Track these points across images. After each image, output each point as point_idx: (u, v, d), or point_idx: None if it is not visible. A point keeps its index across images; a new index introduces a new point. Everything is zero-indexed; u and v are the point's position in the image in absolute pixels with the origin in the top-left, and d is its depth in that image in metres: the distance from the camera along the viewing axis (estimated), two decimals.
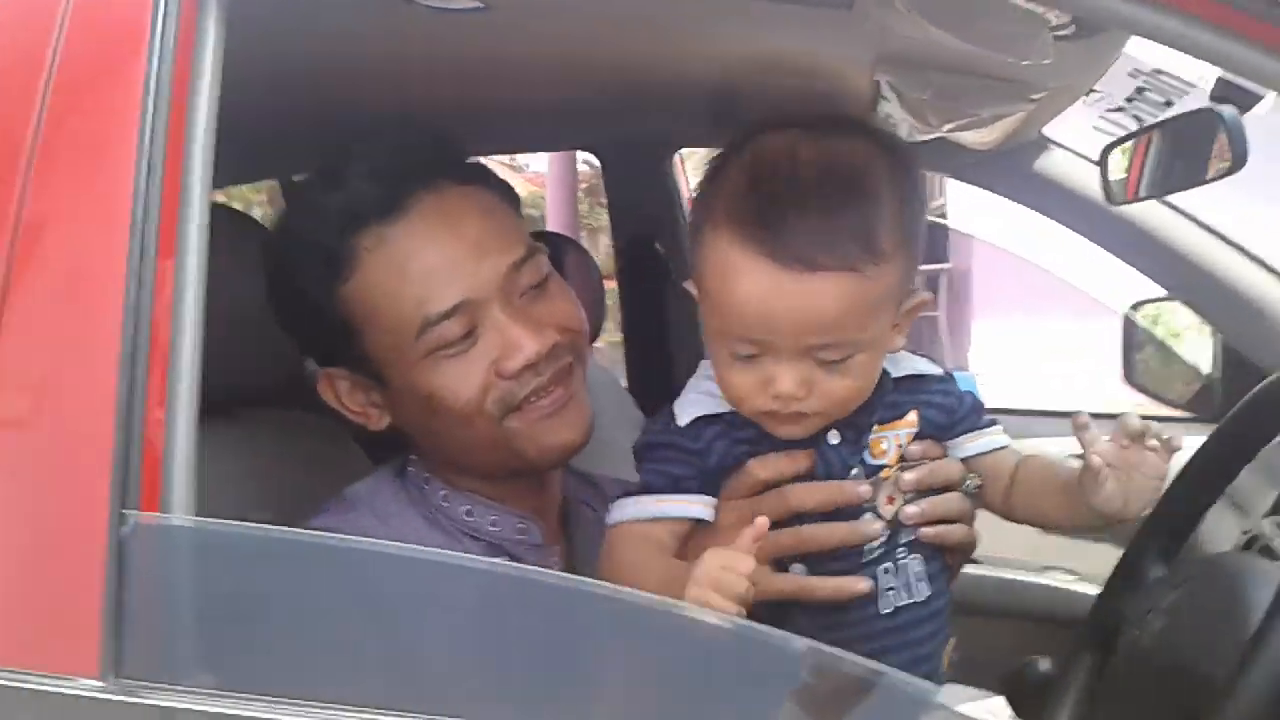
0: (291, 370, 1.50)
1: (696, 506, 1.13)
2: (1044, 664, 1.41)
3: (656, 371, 2.42)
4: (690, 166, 2.62)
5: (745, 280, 1.05)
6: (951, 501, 1.16)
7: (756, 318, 1.05)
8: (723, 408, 1.14)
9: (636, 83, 1.89)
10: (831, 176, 1.06)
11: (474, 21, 1.40)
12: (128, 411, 0.86)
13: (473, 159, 1.34)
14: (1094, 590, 2.04)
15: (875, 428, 1.14)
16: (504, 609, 0.89)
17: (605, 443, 1.32)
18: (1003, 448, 1.21)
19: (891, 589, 1.13)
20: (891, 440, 1.14)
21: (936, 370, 1.20)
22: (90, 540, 0.85)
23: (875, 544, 1.13)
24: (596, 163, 2.69)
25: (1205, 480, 1.35)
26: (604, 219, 2.59)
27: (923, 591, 1.15)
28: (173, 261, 0.88)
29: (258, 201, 5.11)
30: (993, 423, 1.21)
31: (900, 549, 1.14)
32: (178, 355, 0.87)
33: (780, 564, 1.12)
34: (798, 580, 1.12)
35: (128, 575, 0.85)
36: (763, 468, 1.12)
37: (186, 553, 0.90)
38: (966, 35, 1.18)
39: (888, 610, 1.13)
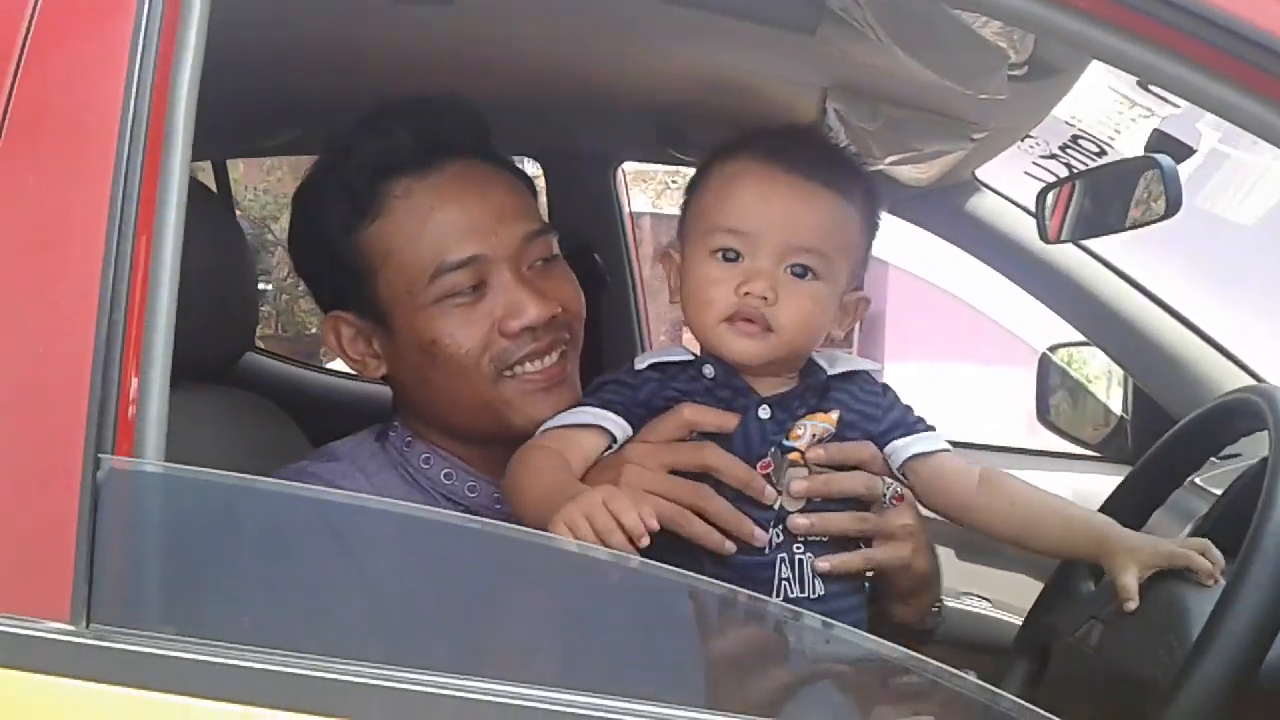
0: (237, 351, 1.49)
1: (609, 423, 1.17)
2: (970, 676, 1.44)
3: (586, 378, 2.41)
4: (630, 180, 2.64)
5: (751, 180, 1.17)
6: (843, 520, 1.18)
7: (752, 210, 1.16)
8: (683, 356, 1.20)
9: (586, 93, 1.91)
10: (824, 140, 1.27)
11: (435, 17, 1.41)
12: (105, 360, 0.87)
13: None
14: (1008, 617, 2.09)
15: (803, 416, 1.18)
16: (469, 562, 0.92)
17: None
18: (943, 450, 1.23)
19: (785, 579, 1.16)
20: (808, 428, 1.18)
21: (868, 365, 1.25)
22: (65, 484, 0.85)
23: (775, 535, 1.16)
24: (533, 173, 2.69)
25: (1128, 512, 1.39)
26: None
27: (817, 589, 1.17)
28: (150, 230, 0.90)
29: None
30: (929, 427, 1.24)
31: (798, 544, 1.17)
32: (154, 310, 0.88)
33: (692, 555, 1.13)
34: (694, 487, 1.14)
35: (101, 521, 0.85)
36: (692, 411, 1.17)
37: (159, 498, 0.90)
38: (930, 63, 1.22)
39: (778, 598, 1.15)
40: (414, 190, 1.26)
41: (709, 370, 1.18)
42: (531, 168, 2.38)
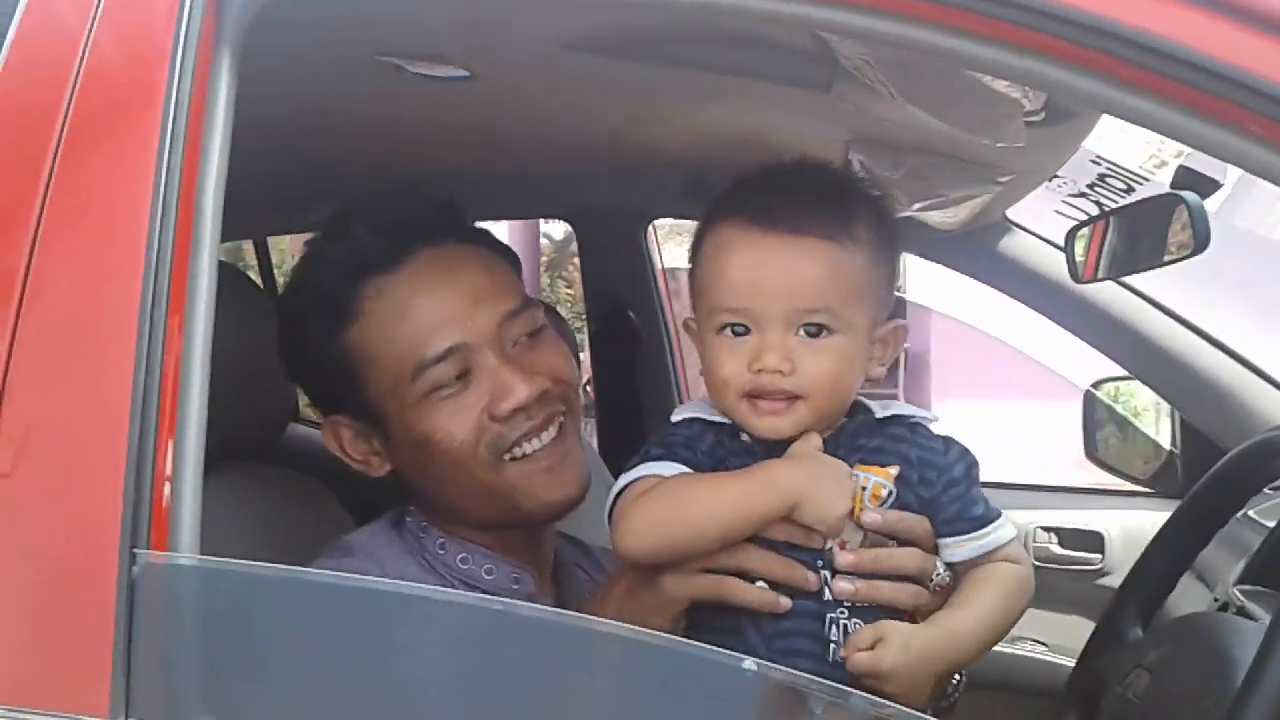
0: (278, 426, 1.51)
1: (678, 468, 1.12)
2: None
3: (628, 436, 2.42)
4: (660, 236, 2.66)
5: (736, 251, 1.11)
6: (898, 592, 1.11)
7: (747, 285, 1.10)
8: (719, 418, 1.15)
9: (612, 154, 1.93)
10: (812, 173, 1.18)
11: (460, 90, 1.44)
12: (139, 453, 0.88)
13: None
14: (1063, 660, 2.06)
15: (857, 465, 1.12)
16: (503, 648, 0.91)
17: (583, 507, 1.33)
18: (1004, 545, 1.13)
19: (836, 641, 1.09)
20: (869, 484, 1.11)
21: (925, 415, 1.18)
22: (102, 579, 0.87)
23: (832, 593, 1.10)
24: (556, 236, 2.71)
25: (1176, 550, 1.37)
26: (563, 292, 2.61)
27: None
28: (181, 315, 0.92)
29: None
30: (998, 515, 1.14)
31: (843, 607, 1.10)
32: (186, 403, 0.90)
33: (736, 624, 1.09)
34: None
35: (138, 615, 0.86)
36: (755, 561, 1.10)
37: (195, 592, 0.91)
38: (944, 117, 1.23)
39: (833, 660, 1.09)
40: (386, 289, 1.25)
41: (745, 435, 1.14)
42: (561, 228, 2.40)
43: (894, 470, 1.12)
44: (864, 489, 1.10)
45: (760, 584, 1.10)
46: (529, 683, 0.91)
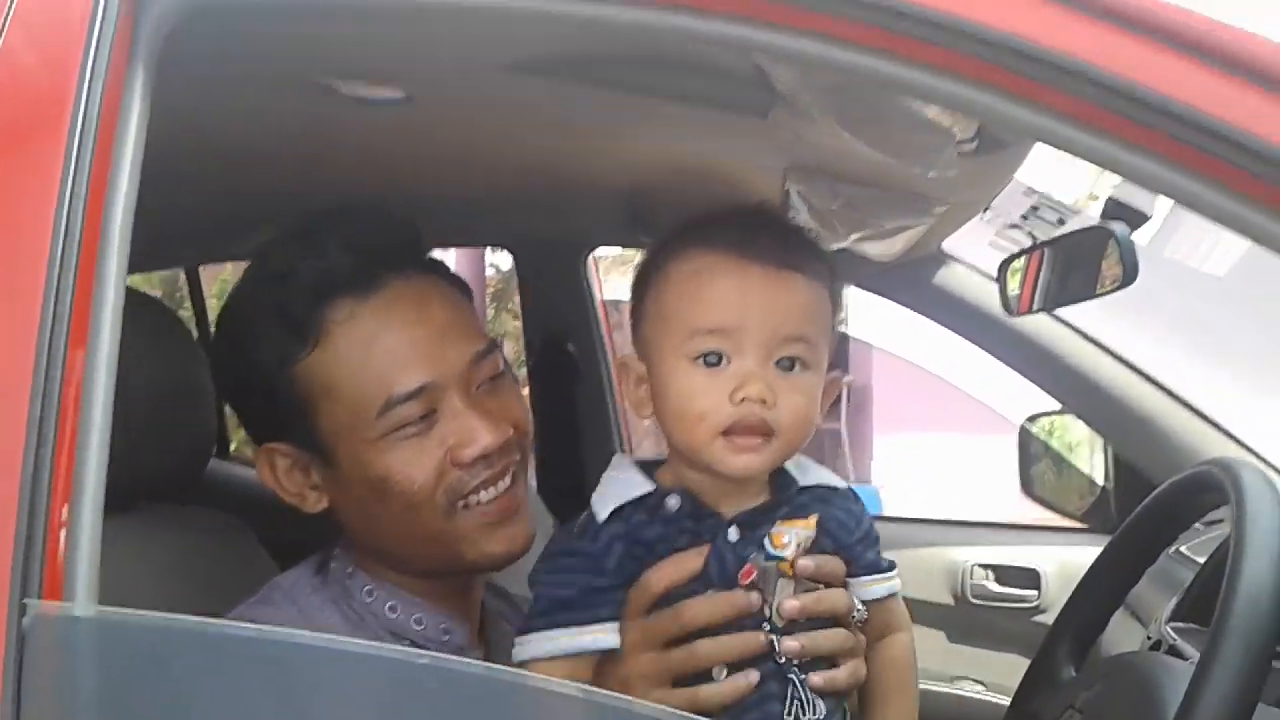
0: (198, 465, 1.46)
1: (602, 635, 1.11)
2: None
3: (568, 470, 2.40)
4: (603, 268, 2.66)
5: (720, 279, 1.10)
6: (835, 638, 1.13)
7: (732, 308, 1.09)
8: (643, 489, 1.13)
9: (552, 181, 1.92)
10: (779, 221, 1.22)
11: (395, 113, 1.42)
12: (32, 495, 0.82)
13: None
14: (1001, 699, 2.06)
15: (778, 524, 1.13)
16: (425, 701, 0.85)
17: None
18: (893, 595, 1.20)
19: (798, 700, 1.11)
20: (792, 536, 1.12)
21: (841, 484, 1.20)
22: None
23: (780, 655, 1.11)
24: (504, 266, 2.70)
25: (1107, 588, 1.37)
26: (511, 324, 2.59)
27: (820, 709, 1.12)
28: (84, 348, 0.85)
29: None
30: (891, 565, 1.20)
31: (793, 665, 1.12)
32: (85, 442, 0.83)
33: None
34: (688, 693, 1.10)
35: (28, 671, 0.79)
36: (656, 575, 1.11)
37: (91, 646, 0.84)
38: (878, 144, 1.23)
39: (790, 717, 1.11)
40: (357, 313, 1.18)
41: (673, 502, 1.12)
42: (509, 258, 2.37)
43: (814, 518, 1.14)
44: (796, 544, 1.12)
45: (718, 670, 1.10)
46: None
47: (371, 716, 0.87)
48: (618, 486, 1.14)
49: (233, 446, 3.11)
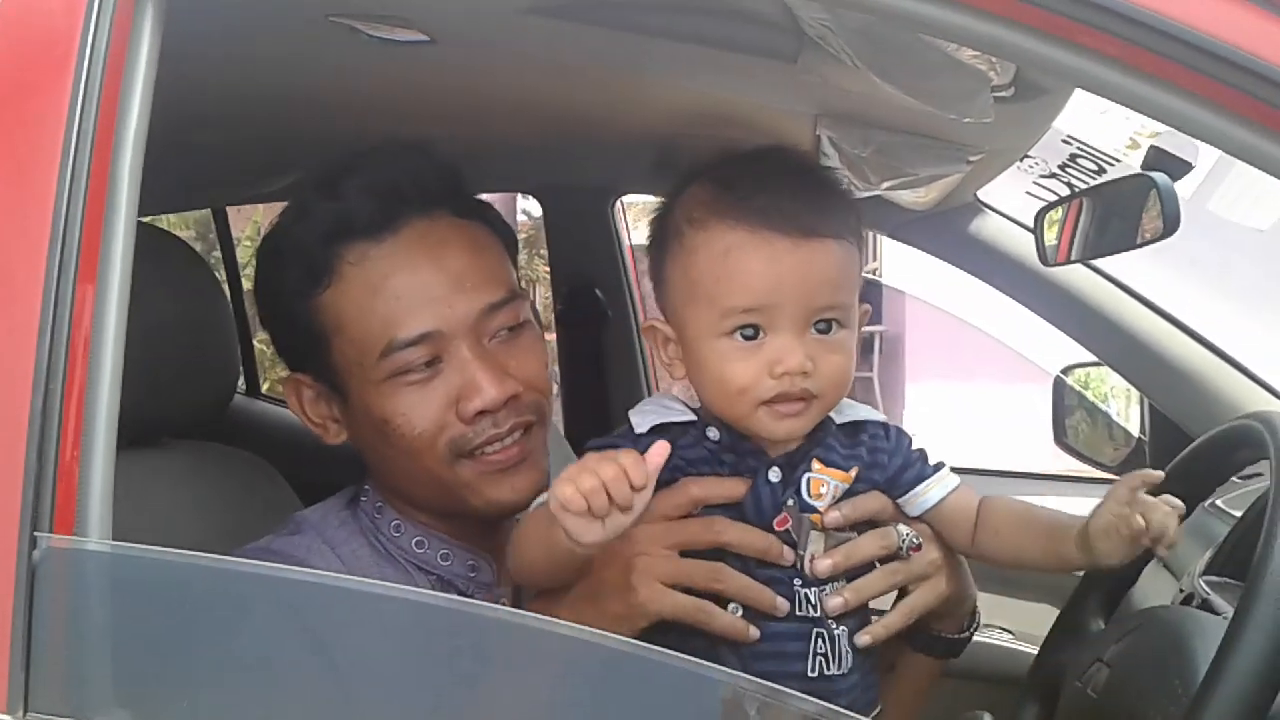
0: (221, 402, 1.47)
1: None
2: (986, 719, 1.41)
3: (593, 415, 2.40)
4: (631, 216, 2.63)
5: (751, 254, 1.08)
6: (875, 583, 1.14)
7: (765, 287, 1.08)
8: (685, 416, 1.13)
9: (578, 127, 1.90)
10: (804, 167, 1.19)
11: (420, 55, 1.40)
12: (41, 432, 0.82)
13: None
14: (1029, 649, 2.05)
15: (817, 466, 1.13)
16: (438, 642, 0.86)
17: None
18: (956, 488, 1.19)
19: (822, 654, 1.12)
20: (830, 486, 1.13)
21: (878, 416, 1.20)
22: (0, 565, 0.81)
23: (813, 608, 1.12)
24: (536, 213, 2.68)
25: None
26: (541, 270, 2.58)
27: (846, 664, 1.13)
28: (94, 283, 0.84)
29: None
30: (940, 465, 1.19)
31: (831, 619, 1.13)
32: (96, 376, 0.83)
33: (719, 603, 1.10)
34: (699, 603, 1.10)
35: (39, 604, 0.80)
36: (698, 485, 1.11)
37: (101, 579, 0.85)
38: (910, 90, 1.20)
39: (814, 674, 1.12)
40: (369, 256, 1.20)
41: (713, 434, 1.13)
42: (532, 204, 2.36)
43: (853, 473, 1.14)
44: (831, 496, 1.13)
45: (734, 607, 1.10)
46: (467, 679, 0.86)
47: (388, 653, 0.87)
48: (658, 408, 1.15)
49: (265, 386, 3.15)
